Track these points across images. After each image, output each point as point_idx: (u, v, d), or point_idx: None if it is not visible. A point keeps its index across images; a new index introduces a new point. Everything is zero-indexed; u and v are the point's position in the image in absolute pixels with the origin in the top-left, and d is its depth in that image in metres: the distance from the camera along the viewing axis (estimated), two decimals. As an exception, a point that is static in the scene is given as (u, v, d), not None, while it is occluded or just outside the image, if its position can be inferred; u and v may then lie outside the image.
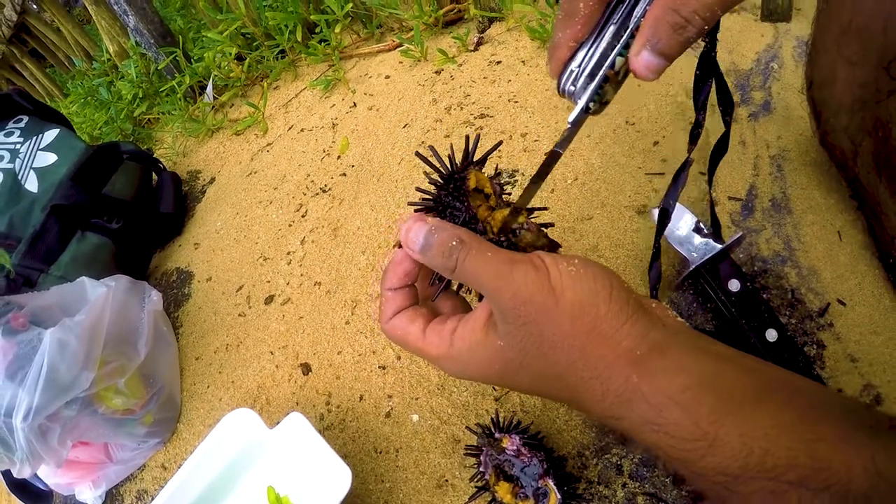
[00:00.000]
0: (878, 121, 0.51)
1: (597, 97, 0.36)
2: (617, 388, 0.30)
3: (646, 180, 0.71)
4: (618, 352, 0.31)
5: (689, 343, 0.31)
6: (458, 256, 0.33)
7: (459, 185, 0.36)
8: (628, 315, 0.31)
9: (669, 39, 0.32)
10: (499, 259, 0.33)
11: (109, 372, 0.69)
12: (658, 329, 0.31)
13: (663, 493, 0.51)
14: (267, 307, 0.84)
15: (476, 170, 0.38)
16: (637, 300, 0.33)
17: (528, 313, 0.32)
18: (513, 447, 0.49)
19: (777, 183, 0.66)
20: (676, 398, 0.28)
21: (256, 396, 0.74)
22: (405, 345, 0.38)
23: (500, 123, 0.87)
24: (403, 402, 0.64)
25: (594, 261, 0.34)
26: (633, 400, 0.30)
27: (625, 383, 0.30)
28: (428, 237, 0.34)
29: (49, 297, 0.71)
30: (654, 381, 0.29)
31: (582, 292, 0.32)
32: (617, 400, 0.30)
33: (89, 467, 0.73)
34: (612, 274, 0.33)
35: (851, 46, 0.51)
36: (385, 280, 0.39)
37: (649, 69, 0.33)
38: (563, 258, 0.33)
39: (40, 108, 0.97)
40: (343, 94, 1.12)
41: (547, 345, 0.32)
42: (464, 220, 0.36)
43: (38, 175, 0.88)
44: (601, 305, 0.31)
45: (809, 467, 0.25)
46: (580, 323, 0.31)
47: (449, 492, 0.56)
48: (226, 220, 1.02)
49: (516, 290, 0.32)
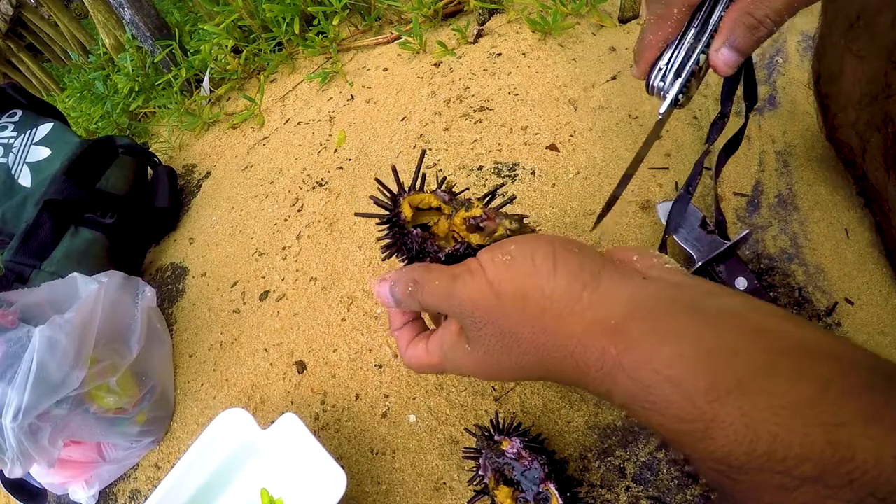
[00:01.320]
0: (888, 116, 0.49)
1: (684, 90, 0.41)
2: (595, 364, 0.27)
3: (649, 175, 0.70)
4: (584, 325, 0.28)
5: (678, 300, 0.27)
6: (419, 298, 0.35)
7: (397, 222, 0.38)
8: (584, 283, 0.29)
9: (744, 38, 0.37)
10: (444, 282, 0.34)
11: (101, 370, 0.68)
12: (635, 286, 0.28)
13: (667, 496, 0.49)
14: (262, 303, 0.83)
15: (413, 194, 0.40)
16: (597, 261, 0.30)
17: (480, 317, 0.32)
18: (513, 450, 0.48)
19: (783, 179, 0.65)
20: (665, 372, 0.24)
21: (251, 395, 0.73)
22: (422, 368, 0.39)
23: (500, 116, 0.85)
24: (400, 402, 0.63)
25: (534, 236, 0.33)
26: (615, 374, 0.26)
27: (601, 357, 0.27)
28: (393, 293, 0.37)
29: (39, 293, 0.69)
30: (636, 352, 0.26)
31: (518, 278, 0.30)
32: (598, 375, 0.27)
33: (82, 467, 0.72)
34: (556, 242, 0.31)
35: (860, 41, 0.50)
36: (390, 323, 0.42)
37: (728, 64, 0.39)
38: (500, 247, 0.33)
39: (34, 102, 0.95)
40: (340, 87, 1.10)
41: (508, 339, 0.31)
42: (417, 251, 0.38)
43: (32, 169, 0.86)
44: (544, 285, 0.30)
45: (828, 458, 0.20)
46: (529, 310, 0.30)
47: (447, 494, 0.55)
48: (221, 215, 1.01)
49: (463, 301, 0.32)
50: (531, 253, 0.31)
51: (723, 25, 0.38)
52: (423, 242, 0.37)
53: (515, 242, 0.32)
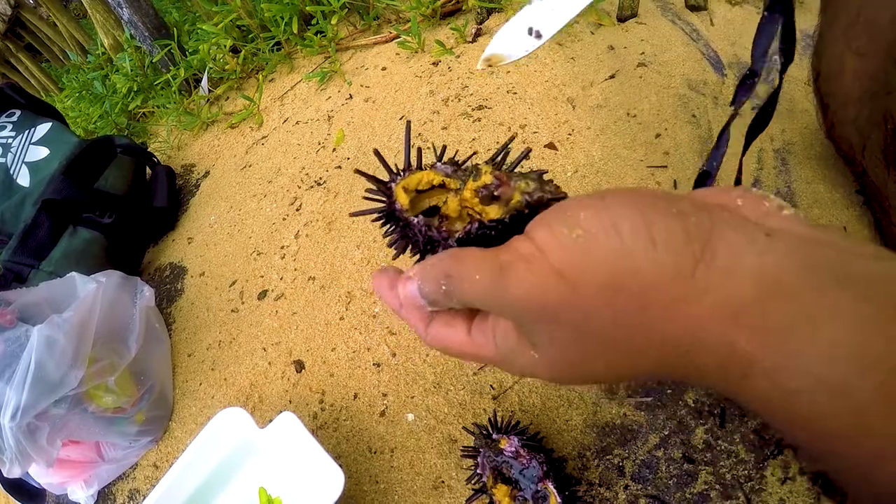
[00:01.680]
0: (888, 112, 0.49)
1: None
2: (718, 362, 0.20)
3: (648, 173, 0.70)
4: (701, 315, 0.20)
5: (820, 266, 0.19)
6: (455, 295, 0.26)
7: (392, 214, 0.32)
8: (694, 256, 0.20)
9: None
10: (488, 276, 0.25)
11: (99, 370, 0.68)
12: (761, 250, 0.20)
13: (666, 495, 0.49)
14: (260, 303, 0.82)
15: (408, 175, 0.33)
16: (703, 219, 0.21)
17: (549, 318, 0.23)
18: (511, 448, 0.48)
19: (781, 176, 0.65)
20: (820, 373, 0.18)
21: (249, 394, 0.73)
22: (455, 354, 0.30)
23: (498, 115, 0.85)
24: (398, 401, 0.63)
25: (609, 197, 0.23)
26: (748, 376, 0.20)
27: (729, 355, 0.20)
28: (423, 293, 0.28)
29: (38, 293, 0.69)
30: (779, 345, 0.19)
31: (605, 263, 0.22)
32: (722, 376, 0.20)
33: (81, 466, 0.72)
34: (644, 201, 0.22)
35: (860, 38, 0.50)
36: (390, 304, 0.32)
37: None
38: (560, 217, 0.24)
39: (33, 102, 0.95)
40: (339, 87, 1.10)
41: (592, 345, 0.23)
42: (425, 242, 0.31)
43: (30, 169, 0.86)
44: (644, 268, 0.21)
45: None
46: (623, 304, 0.21)
47: (445, 493, 0.55)
48: (220, 215, 1.01)
49: (522, 303, 0.23)
50: (612, 222, 0.22)
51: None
52: (426, 231, 0.30)
53: (584, 208, 0.23)
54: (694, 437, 0.52)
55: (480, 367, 0.61)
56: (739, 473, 0.49)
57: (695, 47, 0.84)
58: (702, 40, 0.85)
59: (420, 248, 0.31)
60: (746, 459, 0.50)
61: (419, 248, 0.32)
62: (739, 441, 0.51)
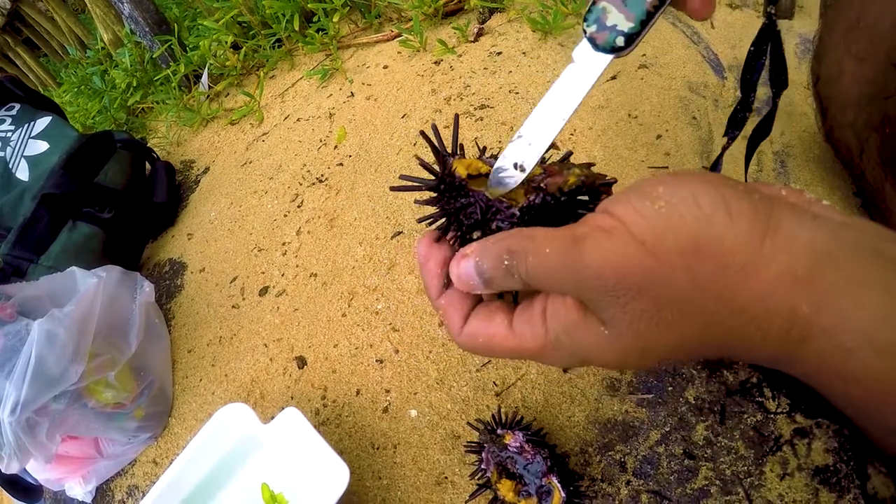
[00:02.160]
0: (886, 116, 0.50)
1: (594, 16, 0.30)
2: (781, 327, 0.22)
3: (649, 174, 0.70)
4: (769, 280, 0.22)
5: (860, 243, 0.22)
6: (519, 271, 0.27)
7: (452, 183, 0.32)
8: (764, 227, 0.23)
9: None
10: (559, 248, 0.25)
11: (99, 365, 0.67)
12: (811, 226, 0.23)
13: (667, 490, 0.50)
14: (261, 299, 0.82)
15: (459, 157, 0.34)
16: (765, 199, 0.24)
17: (626, 290, 0.24)
18: (515, 444, 0.49)
19: (780, 179, 0.66)
20: (871, 333, 0.20)
21: (250, 390, 0.73)
22: (493, 351, 0.30)
23: (500, 115, 0.86)
24: (401, 397, 0.63)
25: (684, 173, 0.25)
26: (808, 338, 0.22)
27: (792, 318, 0.22)
28: (480, 270, 0.28)
29: (38, 287, 0.69)
30: (833, 309, 0.21)
31: (686, 229, 0.23)
32: (782, 341, 0.23)
33: (79, 462, 0.71)
34: (717, 180, 0.24)
35: (860, 43, 0.51)
36: (428, 290, 0.32)
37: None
38: (638, 193, 0.25)
39: (32, 96, 0.94)
40: (340, 84, 1.10)
41: (668, 314, 0.24)
42: (483, 211, 0.31)
43: (30, 163, 0.85)
44: (723, 235, 0.23)
45: None
46: (702, 270, 0.23)
47: (448, 489, 0.55)
48: (220, 211, 1.01)
49: (601, 271, 0.24)
50: (692, 196, 0.24)
51: None
52: (487, 202, 0.30)
53: (662, 183, 0.24)
54: (694, 433, 0.52)
55: (484, 364, 0.61)
56: (739, 469, 0.50)
57: (695, 50, 0.85)
58: (702, 43, 0.86)
59: (473, 224, 0.31)
60: (746, 455, 0.50)
61: (471, 224, 0.31)
62: (739, 437, 0.51)
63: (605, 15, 0.29)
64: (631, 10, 0.29)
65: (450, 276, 0.31)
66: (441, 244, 0.33)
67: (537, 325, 0.28)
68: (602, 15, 0.29)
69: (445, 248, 0.32)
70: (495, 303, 0.31)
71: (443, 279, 0.32)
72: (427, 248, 0.32)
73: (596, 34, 0.30)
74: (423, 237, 0.33)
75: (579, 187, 0.30)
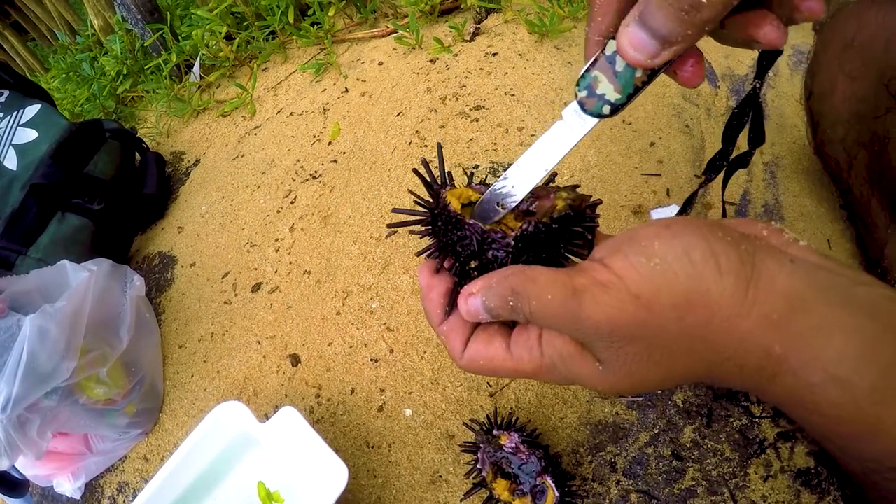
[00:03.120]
0: (875, 135, 0.52)
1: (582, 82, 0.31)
2: (756, 365, 0.25)
3: (642, 181, 0.72)
4: (749, 325, 0.25)
5: (831, 288, 0.25)
6: (523, 311, 0.29)
7: (447, 217, 0.33)
8: (748, 278, 0.25)
9: (661, 12, 0.25)
10: (561, 297, 0.27)
11: (91, 360, 0.67)
12: (788, 272, 0.25)
13: (656, 490, 0.52)
14: (254, 295, 0.82)
15: (450, 189, 0.35)
16: (748, 245, 0.26)
17: (621, 337, 0.27)
18: (511, 445, 0.50)
19: (770, 189, 0.68)
20: (832, 371, 0.23)
21: (243, 387, 0.73)
22: (494, 371, 0.33)
23: (496, 116, 0.86)
24: (396, 397, 0.64)
25: (674, 228, 0.27)
26: (778, 374, 0.25)
27: (765, 357, 0.25)
28: (487, 308, 0.30)
29: (28, 281, 0.68)
30: (803, 350, 0.24)
31: (679, 286, 0.25)
32: (756, 375, 0.25)
33: (68, 458, 0.71)
34: (706, 233, 0.26)
35: (853, 62, 0.52)
36: (429, 317, 0.34)
37: (634, 46, 0.27)
38: (634, 247, 0.27)
39: (21, 83, 0.92)
40: (334, 79, 1.09)
41: (658, 355, 0.27)
42: (479, 243, 0.32)
43: (18, 152, 0.84)
44: (712, 288, 0.25)
45: None
46: (691, 320, 0.25)
47: (443, 487, 0.57)
48: (211, 204, 1.00)
49: (594, 323, 0.27)
50: (685, 251, 0.26)
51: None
52: (483, 233, 0.32)
53: (657, 237, 0.27)
54: (682, 435, 0.54)
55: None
56: (725, 471, 0.52)
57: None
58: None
59: (469, 254, 0.33)
60: (731, 458, 0.52)
61: (468, 254, 0.33)
62: (725, 440, 0.53)
63: (596, 83, 0.31)
64: (620, 82, 0.30)
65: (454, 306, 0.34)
66: (441, 274, 0.35)
67: (534, 350, 0.31)
68: (593, 83, 0.31)
69: (446, 279, 0.34)
70: (493, 326, 0.33)
71: (444, 308, 0.34)
72: (428, 278, 0.34)
73: (585, 99, 0.31)
74: (423, 267, 0.35)
75: (566, 214, 0.32)
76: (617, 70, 0.30)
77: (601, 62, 0.31)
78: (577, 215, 0.33)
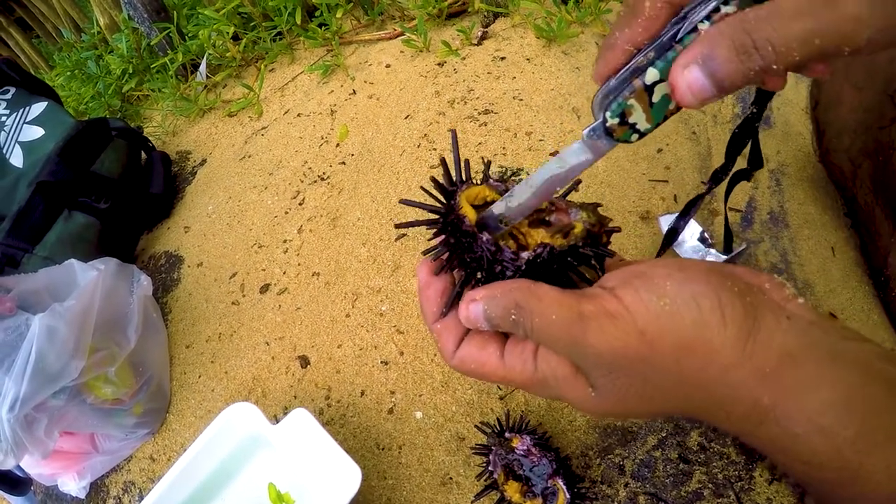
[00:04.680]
0: (880, 145, 0.53)
1: (616, 108, 0.29)
2: (743, 412, 0.26)
3: (649, 186, 0.73)
4: (742, 374, 0.26)
5: (820, 344, 0.26)
6: (524, 327, 0.29)
7: (458, 224, 0.32)
8: (749, 331, 0.26)
9: (727, 62, 0.25)
10: (566, 319, 0.28)
11: (99, 360, 0.67)
12: (784, 329, 0.26)
13: (663, 493, 0.52)
14: (262, 296, 0.82)
15: (467, 187, 0.34)
16: (752, 299, 0.27)
17: (619, 368, 0.28)
18: (522, 447, 0.50)
19: (775, 196, 0.69)
20: (816, 421, 0.25)
21: (252, 388, 0.73)
22: (483, 376, 0.33)
23: (504, 121, 0.87)
24: (406, 399, 0.64)
25: (690, 268, 0.28)
26: (764, 422, 0.26)
27: (753, 406, 0.26)
28: (488, 317, 0.30)
29: (37, 280, 0.68)
30: (789, 402, 0.25)
31: (685, 329, 0.26)
32: (744, 421, 0.27)
33: (74, 458, 0.71)
34: (717, 283, 0.27)
35: (859, 73, 0.54)
36: (424, 315, 0.34)
37: (693, 92, 0.26)
38: (646, 283, 0.28)
39: (28, 80, 0.92)
40: (342, 81, 1.10)
41: (651, 390, 0.28)
42: (489, 260, 0.31)
43: (24, 149, 0.84)
44: (714, 338, 0.26)
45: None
46: (689, 363, 0.27)
47: (454, 489, 0.57)
48: (218, 205, 1.00)
49: (597, 351, 0.27)
50: (694, 297, 0.27)
51: (701, 37, 0.26)
52: (493, 252, 0.31)
53: (669, 280, 0.27)
54: (689, 439, 0.55)
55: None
56: (730, 474, 0.53)
57: (695, 66, 0.87)
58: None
59: (480, 268, 0.32)
60: (737, 461, 0.53)
61: (478, 268, 0.32)
62: (731, 444, 0.54)
63: (630, 112, 0.30)
64: (654, 114, 0.30)
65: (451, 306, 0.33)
66: (442, 272, 0.35)
67: (527, 362, 0.31)
68: (626, 111, 0.30)
69: (446, 278, 0.34)
70: (488, 331, 0.33)
71: (441, 307, 0.34)
72: (427, 275, 0.34)
73: (616, 127, 0.30)
74: (424, 263, 0.35)
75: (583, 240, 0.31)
76: (653, 101, 0.29)
77: (639, 91, 0.29)
78: (593, 240, 0.32)
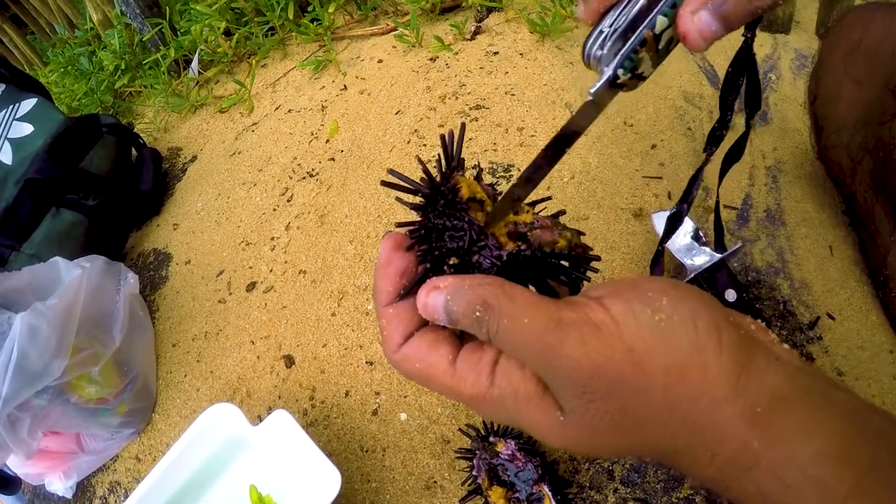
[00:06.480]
0: (880, 141, 0.51)
1: (628, 63, 0.28)
2: (730, 454, 0.23)
3: (643, 183, 0.71)
4: (732, 412, 0.23)
5: (812, 390, 0.24)
6: (489, 327, 0.25)
7: (452, 201, 0.29)
8: (742, 364, 0.24)
9: (738, 4, 0.25)
10: (540, 324, 0.24)
11: (83, 359, 0.66)
12: (775, 369, 0.24)
13: (653, 498, 0.51)
14: (248, 294, 0.81)
15: (461, 174, 0.32)
16: (745, 333, 0.25)
17: (596, 389, 0.24)
18: (507, 452, 0.49)
19: (772, 194, 0.67)
20: (810, 472, 0.22)
21: (236, 388, 0.72)
22: (426, 382, 0.28)
23: (496, 116, 0.86)
24: (391, 400, 0.63)
25: (684, 287, 0.25)
26: (752, 469, 0.23)
27: (741, 450, 0.23)
28: (448, 310, 0.26)
29: (20, 278, 0.67)
30: (781, 449, 0.23)
31: (680, 351, 0.23)
32: (729, 465, 0.24)
33: (60, 457, 0.70)
34: (713, 306, 0.25)
35: (859, 67, 0.52)
36: (377, 294, 0.29)
37: (704, 35, 0.26)
38: (639, 295, 0.25)
39: (18, 76, 0.91)
40: (333, 76, 1.08)
41: (630, 422, 0.24)
42: (471, 241, 0.29)
43: (13, 146, 0.83)
44: (710, 365, 0.23)
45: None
46: (679, 392, 0.23)
47: (438, 493, 0.56)
48: (207, 201, 0.99)
49: (573, 364, 0.24)
50: (692, 318, 0.24)
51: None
52: (479, 232, 0.28)
53: (665, 294, 0.24)
54: (680, 444, 0.54)
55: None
56: (722, 480, 0.51)
57: (692, 61, 0.86)
58: (699, 54, 0.87)
59: (454, 248, 0.29)
60: (729, 467, 0.52)
61: (449, 250, 0.29)
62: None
63: (640, 64, 0.29)
64: (658, 59, 0.29)
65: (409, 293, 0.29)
66: (408, 253, 0.30)
67: (482, 374, 0.27)
68: (637, 64, 0.29)
69: (410, 257, 0.30)
70: (445, 331, 0.29)
71: (398, 289, 0.29)
72: (390, 251, 0.30)
73: (628, 81, 0.29)
74: (389, 238, 0.30)
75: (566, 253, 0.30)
76: (659, 48, 0.29)
77: (649, 42, 0.28)
78: (573, 262, 0.30)
